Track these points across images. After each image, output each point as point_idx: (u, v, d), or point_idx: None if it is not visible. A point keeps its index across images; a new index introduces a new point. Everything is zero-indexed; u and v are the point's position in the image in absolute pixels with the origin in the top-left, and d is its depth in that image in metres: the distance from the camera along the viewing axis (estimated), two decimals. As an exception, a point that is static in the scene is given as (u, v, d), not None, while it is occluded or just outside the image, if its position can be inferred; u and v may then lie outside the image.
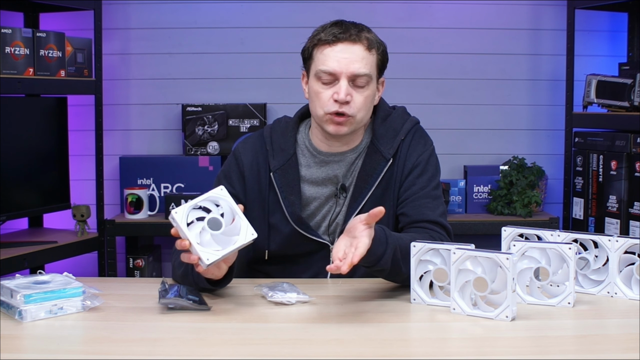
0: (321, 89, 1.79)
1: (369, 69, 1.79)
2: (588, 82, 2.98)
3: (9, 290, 1.51)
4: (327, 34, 1.79)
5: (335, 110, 1.77)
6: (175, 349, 1.36)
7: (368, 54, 1.79)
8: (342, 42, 1.77)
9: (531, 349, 1.37)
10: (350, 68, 1.77)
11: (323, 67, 1.78)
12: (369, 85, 1.80)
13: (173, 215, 1.53)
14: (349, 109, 1.77)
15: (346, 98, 1.76)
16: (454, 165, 3.37)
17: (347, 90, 1.76)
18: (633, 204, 2.78)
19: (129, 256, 3.15)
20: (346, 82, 1.77)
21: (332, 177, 1.87)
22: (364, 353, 1.34)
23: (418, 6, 3.36)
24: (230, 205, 1.58)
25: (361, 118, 1.81)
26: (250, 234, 1.57)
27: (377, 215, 1.52)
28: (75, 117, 3.22)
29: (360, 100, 1.79)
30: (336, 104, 1.77)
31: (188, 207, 1.54)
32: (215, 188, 1.58)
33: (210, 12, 3.34)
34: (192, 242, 1.52)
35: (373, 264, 1.61)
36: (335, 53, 1.77)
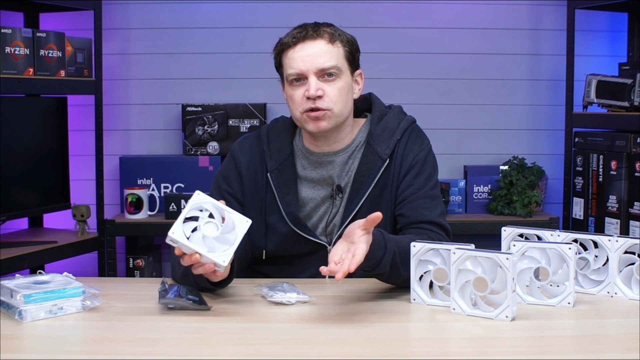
0: (294, 91, 1.81)
1: (335, 60, 1.79)
2: (588, 82, 2.98)
3: (9, 290, 1.51)
4: (288, 37, 1.82)
5: (310, 107, 1.78)
6: (175, 349, 1.36)
7: (331, 47, 1.80)
8: (302, 42, 1.80)
9: (531, 349, 1.37)
10: (315, 64, 1.78)
11: (290, 70, 1.80)
12: (340, 78, 1.81)
13: (172, 237, 1.52)
14: (322, 103, 1.78)
15: (317, 93, 1.77)
16: (454, 165, 3.37)
17: (316, 85, 1.77)
18: (633, 204, 2.78)
19: (129, 256, 3.15)
20: (314, 78, 1.78)
21: (327, 177, 1.87)
22: (364, 353, 1.34)
23: (418, 6, 3.36)
24: (214, 205, 1.59)
25: (339, 111, 1.81)
26: (245, 222, 1.59)
27: (374, 220, 1.52)
28: (75, 117, 3.22)
29: (334, 92, 1.79)
30: (309, 101, 1.78)
31: (180, 223, 1.54)
32: (193, 196, 1.58)
33: (210, 12, 3.34)
34: (202, 253, 1.53)
35: (372, 268, 1.61)
36: (298, 53, 1.79)
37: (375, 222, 1.53)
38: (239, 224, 1.58)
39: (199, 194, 1.58)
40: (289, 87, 1.82)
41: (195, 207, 1.57)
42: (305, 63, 1.78)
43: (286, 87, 1.84)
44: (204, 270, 1.55)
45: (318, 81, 1.78)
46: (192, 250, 1.53)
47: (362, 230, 1.54)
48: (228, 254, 1.55)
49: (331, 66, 1.78)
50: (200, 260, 1.54)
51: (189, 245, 1.52)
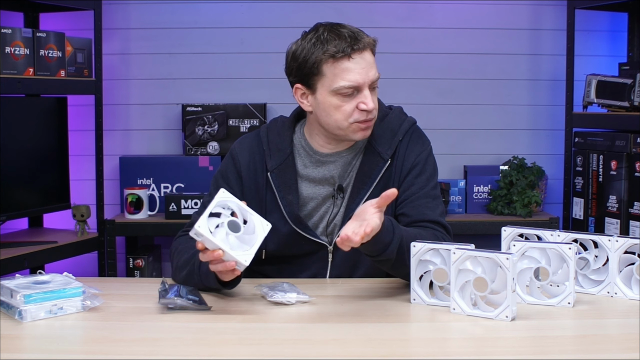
0: (342, 102, 1.77)
1: (377, 71, 1.81)
2: (588, 82, 2.98)
3: (9, 290, 1.51)
4: (338, 46, 1.73)
5: (364, 119, 1.78)
6: (175, 349, 1.36)
7: (373, 57, 1.81)
8: (358, 53, 1.76)
9: (531, 349, 1.37)
10: (370, 76, 1.77)
11: (346, 83, 1.74)
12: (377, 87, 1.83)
13: (197, 231, 1.53)
14: (373, 114, 1.80)
15: (374, 105, 1.78)
16: (454, 165, 3.37)
17: (372, 98, 1.79)
18: (633, 204, 2.78)
19: (129, 256, 3.15)
20: (368, 90, 1.77)
21: (329, 177, 1.87)
22: (364, 353, 1.34)
23: (418, 6, 3.36)
24: (237, 204, 1.60)
25: (376, 117, 1.84)
26: (266, 225, 1.61)
27: (389, 196, 1.54)
28: (75, 117, 3.22)
29: (376, 101, 1.83)
30: (364, 113, 1.77)
31: (205, 218, 1.54)
32: (218, 192, 1.59)
33: (210, 12, 3.34)
34: (226, 250, 1.54)
35: (379, 252, 1.60)
36: (355, 65, 1.75)
37: (391, 199, 1.55)
38: (259, 227, 1.60)
39: (223, 191, 1.60)
40: (333, 97, 1.76)
41: (220, 205, 1.58)
42: (362, 75, 1.75)
43: (327, 96, 1.77)
44: (224, 267, 1.56)
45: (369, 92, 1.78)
46: (216, 246, 1.53)
47: (375, 207, 1.55)
48: (250, 254, 1.56)
49: (378, 78, 1.80)
50: (222, 257, 1.54)
51: (214, 240, 1.53)
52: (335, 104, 1.77)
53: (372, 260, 1.66)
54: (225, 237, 1.55)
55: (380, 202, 1.55)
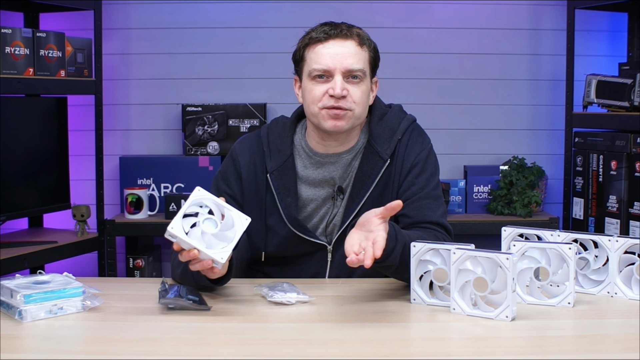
0: (314, 86, 1.79)
1: (362, 64, 1.79)
2: (588, 82, 2.98)
3: (9, 290, 1.51)
4: (318, 32, 1.79)
5: (331, 105, 1.77)
6: (175, 349, 1.36)
7: (360, 49, 1.79)
8: (333, 39, 1.78)
9: (531, 349, 1.37)
10: (344, 63, 1.76)
11: (317, 66, 1.78)
12: (364, 81, 1.80)
13: (170, 232, 1.53)
14: (345, 103, 1.77)
15: (342, 92, 1.76)
16: (454, 165, 3.37)
17: (342, 84, 1.76)
18: (633, 204, 2.78)
19: (129, 256, 3.15)
20: (341, 77, 1.76)
21: (329, 178, 1.87)
22: (364, 353, 1.34)
23: (418, 6, 3.36)
24: (214, 201, 1.59)
25: (359, 113, 1.81)
26: (244, 219, 1.59)
27: (394, 208, 1.54)
28: (75, 117, 3.22)
29: (358, 94, 1.79)
30: (332, 99, 1.76)
31: (179, 219, 1.54)
32: (193, 191, 1.58)
33: (210, 12, 3.34)
34: (200, 249, 1.53)
35: (383, 259, 1.60)
36: (327, 50, 1.77)
37: (395, 210, 1.54)
38: (238, 222, 1.59)
39: (199, 189, 1.58)
40: (309, 82, 1.80)
41: (196, 203, 1.57)
42: (334, 61, 1.76)
43: (305, 81, 1.81)
44: (202, 266, 1.55)
45: (343, 81, 1.77)
46: (191, 246, 1.53)
47: (380, 218, 1.55)
48: (226, 251, 1.55)
49: (358, 69, 1.78)
50: (199, 256, 1.54)
51: (187, 240, 1.52)
52: (309, 88, 1.80)
53: (375, 265, 1.64)
54: (201, 235, 1.55)
55: (385, 213, 1.54)
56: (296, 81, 1.88)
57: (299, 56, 1.83)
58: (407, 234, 1.67)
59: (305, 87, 1.82)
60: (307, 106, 1.82)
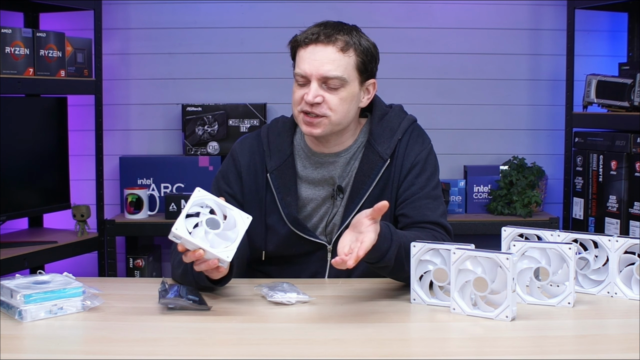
0: (296, 89, 1.81)
1: (342, 71, 1.76)
2: (588, 82, 2.98)
3: (9, 290, 1.51)
4: (303, 35, 1.80)
5: (305, 110, 1.78)
6: (175, 349, 1.36)
7: (342, 55, 1.77)
8: (314, 44, 1.77)
9: (531, 349, 1.37)
10: (320, 70, 1.76)
11: (297, 70, 1.79)
12: (345, 88, 1.78)
13: (175, 233, 1.53)
14: (319, 109, 1.77)
15: (314, 100, 1.75)
16: (454, 165, 3.37)
17: (315, 92, 1.76)
18: (633, 204, 2.78)
19: (129, 256, 3.15)
20: (316, 84, 1.76)
21: (328, 178, 1.87)
22: (364, 353, 1.34)
23: (418, 6, 3.36)
24: (215, 201, 1.59)
25: (338, 120, 1.79)
26: (246, 218, 1.60)
27: (381, 209, 1.53)
28: (75, 117, 3.22)
29: (334, 101, 1.77)
30: (307, 104, 1.77)
31: (182, 220, 1.54)
32: (194, 192, 1.59)
33: (210, 12, 3.34)
34: (206, 248, 1.53)
35: (377, 259, 1.60)
36: (307, 55, 1.77)
37: (382, 211, 1.53)
38: (239, 221, 1.59)
39: (199, 190, 1.59)
40: (294, 84, 1.82)
41: (197, 204, 1.58)
42: (311, 67, 1.76)
43: (294, 82, 1.83)
44: (207, 266, 1.56)
45: (319, 88, 1.76)
46: (196, 246, 1.53)
47: (370, 219, 1.54)
48: (231, 249, 1.56)
49: (335, 76, 1.76)
50: (204, 256, 1.54)
51: (192, 241, 1.53)
52: (293, 90, 1.82)
53: (371, 266, 1.65)
54: (205, 235, 1.55)
55: (374, 214, 1.54)
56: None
57: (292, 56, 1.85)
58: (404, 235, 1.67)
59: (293, 87, 1.83)
60: (292, 107, 1.84)
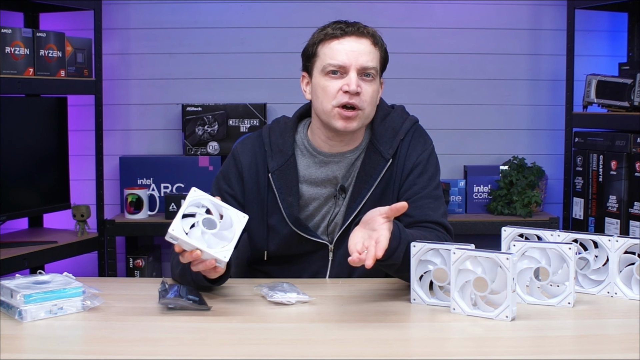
0: (328, 82, 1.78)
1: (376, 62, 1.80)
2: (588, 82, 2.98)
3: (9, 290, 1.51)
4: (334, 28, 1.79)
5: (346, 102, 1.76)
6: (175, 349, 1.36)
7: (374, 48, 1.80)
8: (350, 36, 1.78)
9: (531, 349, 1.37)
10: (360, 60, 1.77)
11: (332, 61, 1.77)
12: (375, 80, 1.81)
13: (172, 234, 1.52)
14: (359, 101, 1.77)
15: (357, 89, 1.76)
16: (454, 165, 3.37)
17: (357, 81, 1.76)
18: (633, 204, 2.78)
19: (129, 256, 3.15)
20: (355, 74, 1.77)
21: (332, 177, 1.87)
22: (364, 353, 1.34)
23: (418, 6, 3.36)
24: (211, 201, 1.59)
25: (369, 113, 1.81)
26: (242, 217, 1.60)
27: (399, 209, 1.53)
28: (75, 117, 3.22)
29: (369, 92, 1.79)
30: (346, 95, 1.76)
31: (179, 220, 1.54)
32: (189, 192, 1.58)
33: (210, 12, 3.34)
34: (203, 249, 1.53)
35: (387, 257, 1.59)
36: (343, 46, 1.78)
37: (400, 212, 1.54)
38: (236, 220, 1.59)
39: (195, 190, 1.58)
40: (322, 78, 1.79)
41: (193, 204, 1.57)
42: (350, 57, 1.76)
43: (318, 77, 1.81)
44: (205, 266, 1.56)
45: (357, 78, 1.77)
46: (193, 247, 1.53)
47: (384, 217, 1.54)
48: (228, 249, 1.55)
49: (372, 67, 1.78)
50: (201, 256, 1.54)
51: (189, 241, 1.52)
52: (323, 84, 1.79)
53: (378, 264, 1.64)
54: (201, 236, 1.55)
55: (389, 213, 1.54)
56: (304, 77, 1.87)
57: (311, 52, 1.82)
58: (411, 233, 1.68)
59: (317, 83, 1.81)
60: (320, 103, 1.81)
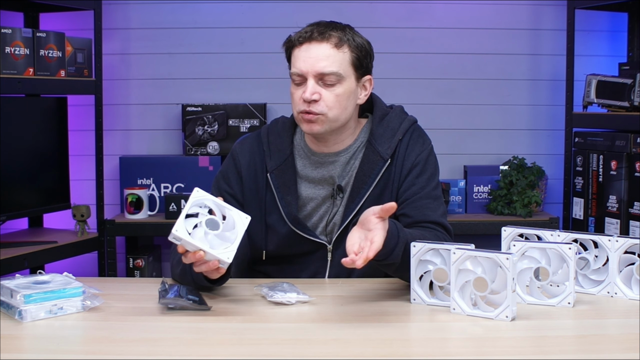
0: (293, 90, 1.81)
1: (337, 67, 1.77)
2: (588, 82, 2.98)
3: (9, 290, 1.51)
4: (296, 35, 1.81)
5: (304, 110, 1.78)
6: (175, 349, 1.36)
7: (336, 51, 1.77)
8: (308, 42, 1.78)
9: (531, 349, 1.37)
10: (316, 67, 1.76)
11: (293, 69, 1.80)
12: (342, 84, 1.78)
13: (175, 235, 1.52)
14: (316, 107, 1.77)
15: (312, 97, 1.76)
16: (454, 165, 3.37)
17: (313, 89, 1.76)
18: (633, 204, 2.78)
19: (129, 256, 3.15)
20: (313, 81, 1.77)
21: (328, 177, 1.87)
22: (364, 353, 1.34)
23: (418, 6, 3.36)
24: (214, 201, 1.59)
25: (335, 116, 1.79)
26: (245, 218, 1.60)
27: (389, 210, 1.53)
28: (75, 117, 3.22)
29: (331, 98, 1.78)
30: (305, 103, 1.77)
31: (182, 221, 1.54)
32: (192, 193, 1.58)
33: (210, 12, 3.35)
34: (206, 249, 1.53)
35: (384, 257, 1.59)
36: (302, 53, 1.78)
37: (390, 212, 1.53)
38: (238, 221, 1.59)
39: (198, 190, 1.58)
40: (291, 84, 1.82)
41: (196, 204, 1.57)
42: (306, 65, 1.77)
43: (291, 83, 1.83)
44: (207, 267, 1.56)
45: (316, 85, 1.77)
46: (196, 248, 1.53)
47: (378, 218, 1.54)
48: (231, 250, 1.56)
49: (331, 72, 1.76)
50: (204, 257, 1.54)
51: (193, 242, 1.52)
52: (291, 92, 1.82)
53: (377, 263, 1.64)
54: (204, 236, 1.55)
55: (381, 213, 1.54)
56: None
57: (287, 58, 1.85)
58: (410, 233, 1.67)
59: (290, 88, 1.83)
60: (292, 108, 1.84)
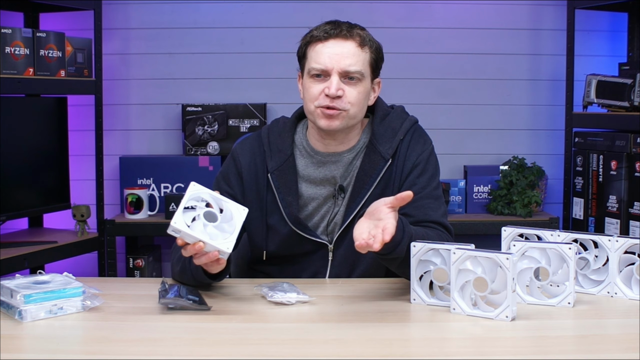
0: (312, 84, 1.80)
1: (361, 66, 1.79)
2: (588, 82, 2.98)
3: (9, 290, 1.51)
4: (319, 31, 1.80)
5: (326, 105, 1.77)
6: (175, 349, 1.36)
7: (360, 51, 1.79)
8: (333, 39, 1.78)
9: (531, 349, 1.37)
10: (342, 64, 1.77)
11: (315, 65, 1.78)
12: (362, 82, 1.80)
13: (174, 227, 1.53)
14: (340, 103, 1.77)
15: (337, 93, 1.76)
16: (454, 165, 3.37)
17: (338, 85, 1.77)
18: (633, 204, 2.78)
19: (129, 256, 3.15)
20: (337, 77, 1.77)
21: (330, 177, 1.87)
22: (364, 353, 1.34)
23: (418, 6, 3.36)
24: (211, 195, 1.60)
25: (354, 114, 1.81)
26: (242, 210, 1.62)
27: (404, 199, 1.54)
28: (75, 117, 3.22)
29: (353, 94, 1.79)
30: (327, 98, 1.77)
31: (180, 213, 1.54)
32: (189, 186, 1.59)
33: (210, 12, 3.35)
34: (206, 240, 1.54)
35: (390, 250, 1.60)
36: (327, 49, 1.78)
37: (405, 201, 1.55)
38: (236, 213, 1.60)
39: (194, 184, 1.59)
40: (308, 79, 1.81)
41: (193, 198, 1.58)
42: (332, 61, 1.77)
43: (305, 78, 1.82)
44: (208, 258, 1.56)
45: (340, 81, 1.77)
46: (196, 239, 1.53)
47: (389, 207, 1.55)
48: (231, 240, 1.56)
49: (356, 71, 1.78)
50: (204, 248, 1.54)
51: (192, 233, 1.53)
52: (308, 86, 1.81)
53: (380, 258, 1.64)
54: (203, 228, 1.55)
55: (395, 203, 1.55)
56: (299, 77, 1.89)
57: (301, 53, 1.84)
58: (414, 229, 1.68)
59: (304, 84, 1.83)
60: (305, 103, 1.83)
